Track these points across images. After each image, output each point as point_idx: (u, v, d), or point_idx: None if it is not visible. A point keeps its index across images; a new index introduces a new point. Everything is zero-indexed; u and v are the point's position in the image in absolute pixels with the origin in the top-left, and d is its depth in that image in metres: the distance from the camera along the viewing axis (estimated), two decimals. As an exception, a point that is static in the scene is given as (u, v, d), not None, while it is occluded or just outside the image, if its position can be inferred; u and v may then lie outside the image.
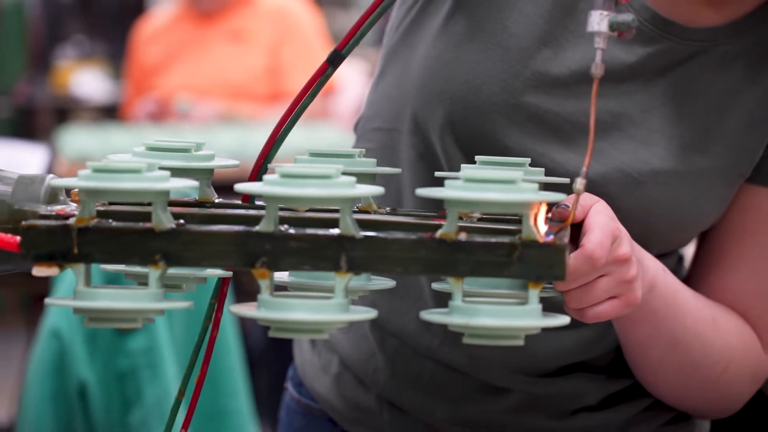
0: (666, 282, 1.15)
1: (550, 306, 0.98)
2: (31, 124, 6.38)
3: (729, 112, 1.21)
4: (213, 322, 1.14)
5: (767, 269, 1.25)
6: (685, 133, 1.20)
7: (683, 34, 1.21)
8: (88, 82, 6.09)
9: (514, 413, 1.25)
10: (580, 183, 0.96)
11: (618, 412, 1.28)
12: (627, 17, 0.97)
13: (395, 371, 1.28)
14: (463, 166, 1.00)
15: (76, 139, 3.85)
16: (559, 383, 1.25)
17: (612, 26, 0.96)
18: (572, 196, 0.97)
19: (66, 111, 6.33)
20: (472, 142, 1.20)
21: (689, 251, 1.34)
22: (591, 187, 1.07)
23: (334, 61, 1.06)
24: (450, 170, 1.18)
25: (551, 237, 0.93)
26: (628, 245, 1.01)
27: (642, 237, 1.10)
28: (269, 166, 1.01)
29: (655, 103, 1.22)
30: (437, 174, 1.06)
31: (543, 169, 1.05)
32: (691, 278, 1.28)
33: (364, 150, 1.07)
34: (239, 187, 0.94)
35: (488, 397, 1.26)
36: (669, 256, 1.27)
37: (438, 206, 0.99)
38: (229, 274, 1.04)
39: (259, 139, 3.65)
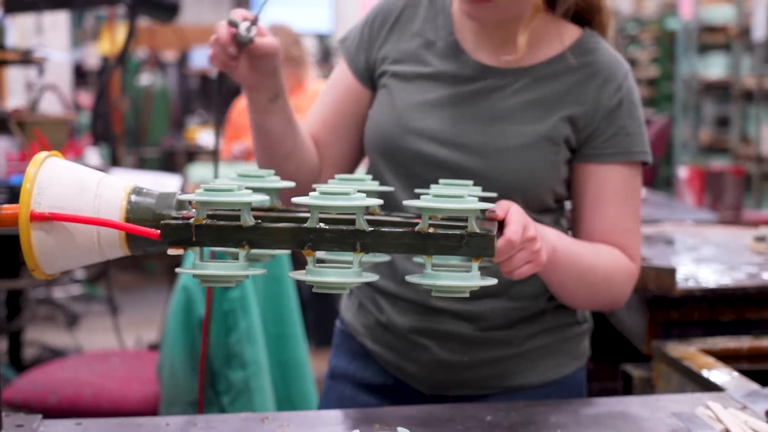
0: (563, 242, 1.47)
1: (487, 272, 1.31)
2: (171, 162, 8.56)
3: (532, 109, 1.53)
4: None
5: (612, 217, 1.55)
6: (518, 118, 1.53)
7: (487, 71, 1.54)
8: (204, 137, 8.02)
9: (450, 322, 1.57)
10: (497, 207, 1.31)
11: (518, 329, 1.58)
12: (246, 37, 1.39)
13: (382, 308, 1.62)
14: (432, 186, 1.31)
15: (197, 170, 5.39)
16: (478, 304, 1.55)
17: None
18: (498, 204, 1.32)
19: (192, 154, 8.49)
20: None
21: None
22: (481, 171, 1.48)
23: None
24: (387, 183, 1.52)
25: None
26: (533, 229, 1.33)
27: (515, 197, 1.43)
28: (314, 185, 1.26)
29: (499, 102, 1.54)
30: (416, 191, 1.37)
31: (480, 187, 1.36)
32: (573, 231, 1.60)
33: (371, 175, 1.43)
34: (295, 200, 1.27)
35: (431, 314, 1.57)
36: (548, 214, 1.57)
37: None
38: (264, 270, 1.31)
39: None
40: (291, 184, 1.41)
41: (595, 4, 1.58)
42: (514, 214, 1.33)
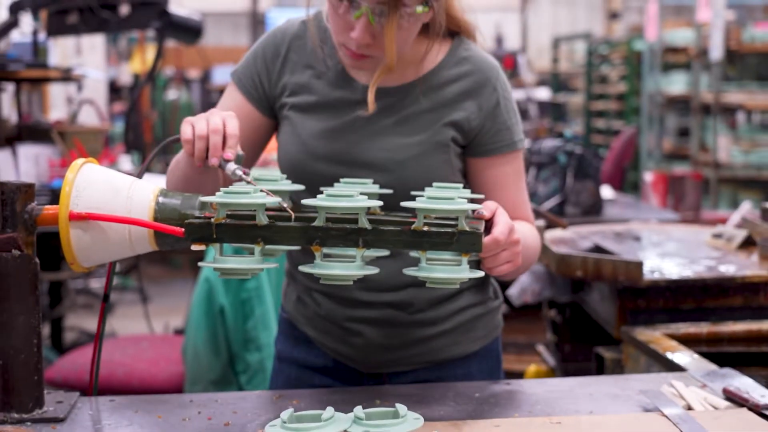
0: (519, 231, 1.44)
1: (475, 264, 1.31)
2: None
3: (420, 120, 1.52)
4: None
5: (511, 197, 1.56)
6: (409, 130, 1.51)
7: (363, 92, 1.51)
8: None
9: (381, 310, 1.56)
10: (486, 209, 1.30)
11: (439, 310, 1.59)
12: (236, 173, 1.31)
13: (319, 302, 1.60)
14: (426, 188, 1.32)
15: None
16: (404, 293, 1.56)
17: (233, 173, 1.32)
18: (485, 204, 1.31)
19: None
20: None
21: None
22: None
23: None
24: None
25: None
26: (516, 233, 1.34)
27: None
28: (321, 188, 1.28)
29: (392, 114, 1.52)
30: (413, 193, 1.36)
31: (469, 190, 1.35)
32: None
33: (372, 180, 1.43)
34: (305, 201, 1.29)
35: (363, 305, 1.56)
36: None
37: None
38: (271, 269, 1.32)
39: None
40: (301, 186, 1.41)
41: (459, 18, 1.56)
42: (500, 215, 1.33)
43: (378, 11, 1.38)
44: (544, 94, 11.78)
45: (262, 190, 1.28)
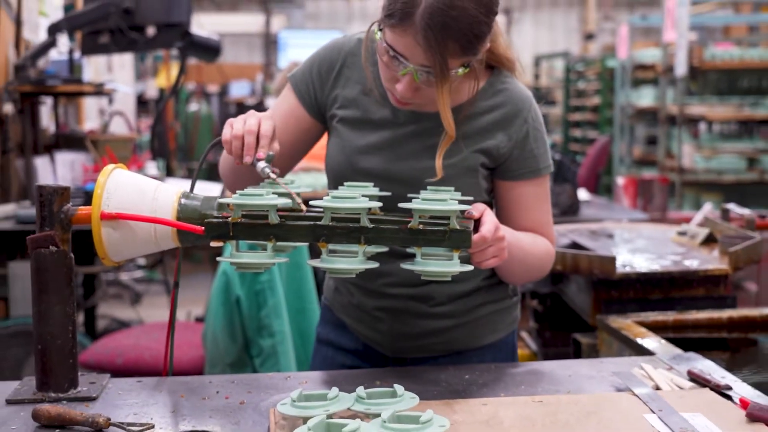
0: (513, 236, 1.44)
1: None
2: (214, 173, 7.53)
3: (452, 146, 1.44)
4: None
5: (533, 217, 1.52)
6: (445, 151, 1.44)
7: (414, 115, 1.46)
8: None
9: (405, 302, 1.55)
10: (476, 209, 1.28)
11: (459, 305, 1.56)
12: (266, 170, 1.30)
13: (352, 293, 1.60)
14: (422, 191, 1.31)
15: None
16: (427, 288, 1.53)
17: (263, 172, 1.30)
18: (474, 206, 1.31)
19: None
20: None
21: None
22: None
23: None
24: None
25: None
26: (502, 231, 1.34)
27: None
28: (328, 191, 1.28)
29: (426, 139, 1.47)
30: (409, 195, 1.33)
31: (459, 192, 1.33)
32: (502, 223, 1.48)
33: (372, 183, 1.41)
34: (313, 202, 1.28)
35: (390, 297, 1.55)
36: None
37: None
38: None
39: (321, 178, 3.87)
40: (308, 189, 1.40)
41: (501, 54, 1.50)
42: (488, 215, 1.33)
43: (423, 71, 1.33)
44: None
45: (273, 193, 1.28)
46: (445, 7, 1.27)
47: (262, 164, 1.33)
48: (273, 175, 1.33)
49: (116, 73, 6.68)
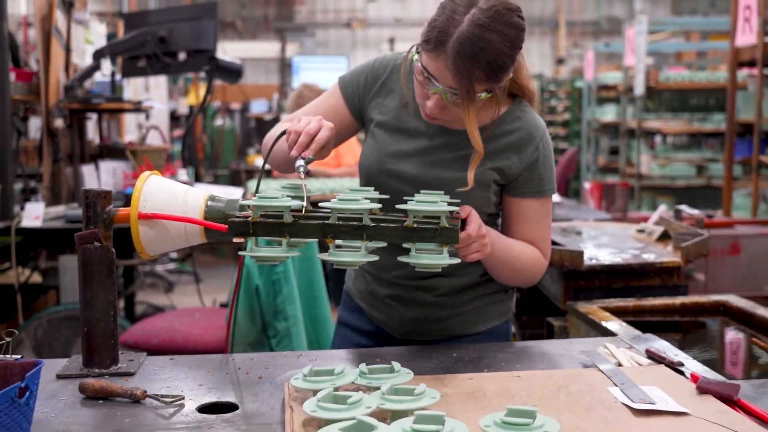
0: (499, 239, 1.44)
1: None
2: (237, 178, 8.51)
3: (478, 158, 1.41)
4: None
5: (532, 230, 1.50)
6: (461, 167, 1.44)
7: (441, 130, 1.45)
8: (259, 162, 7.60)
9: (413, 292, 1.55)
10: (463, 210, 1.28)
11: (460, 296, 1.56)
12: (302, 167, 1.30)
13: (368, 281, 1.60)
14: (416, 194, 1.29)
15: (254, 184, 4.80)
16: (434, 280, 1.53)
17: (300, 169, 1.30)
18: (462, 207, 1.31)
19: (251, 172, 8.36)
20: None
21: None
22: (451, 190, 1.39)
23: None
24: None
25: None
26: (484, 229, 1.33)
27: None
28: (336, 194, 1.27)
29: (451, 152, 1.46)
30: (405, 198, 1.32)
31: (449, 195, 1.33)
32: (504, 234, 1.52)
33: (374, 188, 1.40)
34: (321, 204, 1.28)
35: (400, 287, 1.55)
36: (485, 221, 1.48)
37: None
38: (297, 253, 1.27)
39: (330, 183, 3.92)
40: (318, 192, 1.40)
41: (523, 85, 1.50)
42: (473, 216, 1.33)
43: (450, 92, 1.32)
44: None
45: (288, 196, 1.28)
46: (474, 38, 1.27)
47: (300, 162, 1.33)
48: (301, 176, 1.32)
49: (152, 93, 6.67)
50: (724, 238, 3.65)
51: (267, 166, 1.52)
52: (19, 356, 1.19)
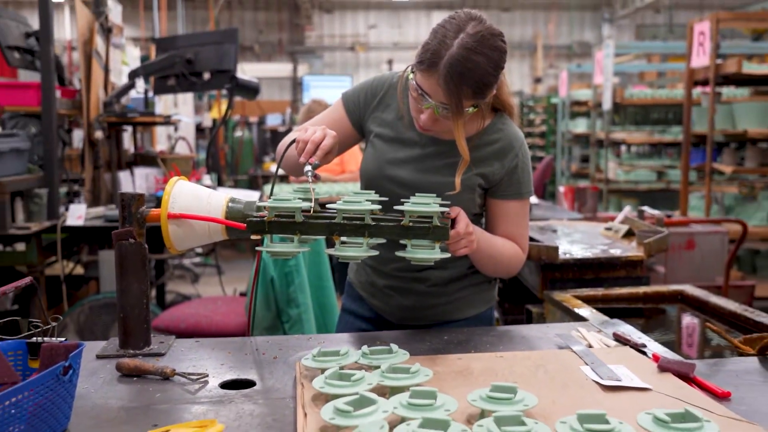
0: (484, 236, 1.43)
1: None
2: (254, 183, 8.36)
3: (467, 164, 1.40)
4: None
5: (512, 228, 1.49)
6: (450, 172, 1.43)
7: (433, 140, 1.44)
8: (273, 168, 7.47)
9: (408, 282, 1.54)
10: (454, 211, 1.27)
11: (450, 287, 1.54)
12: (310, 171, 1.29)
13: (368, 273, 1.60)
14: (411, 197, 1.28)
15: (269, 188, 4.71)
16: (426, 272, 1.52)
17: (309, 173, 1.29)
18: (452, 208, 1.30)
19: (267, 177, 8.17)
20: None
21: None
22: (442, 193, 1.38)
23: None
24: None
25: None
26: (472, 227, 1.32)
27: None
28: (341, 196, 1.26)
29: (442, 159, 1.45)
30: (401, 200, 1.32)
31: (440, 198, 1.30)
32: (487, 230, 1.51)
33: (374, 191, 1.39)
34: (329, 205, 1.27)
35: (397, 278, 1.54)
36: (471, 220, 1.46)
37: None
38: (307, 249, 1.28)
39: (335, 187, 3.89)
40: (326, 195, 1.39)
41: (505, 101, 1.48)
42: (462, 216, 1.32)
43: (442, 107, 1.32)
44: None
45: (299, 198, 1.27)
46: (463, 60, 1.26)
47: (308, 167, 1.32)
48: (310, 179, 1.32)
49: (180, 108, 6.66)
50: (682, 235, 3.65)
51: (280, 172, 1.51)
52: (63, 339, 1.18)
